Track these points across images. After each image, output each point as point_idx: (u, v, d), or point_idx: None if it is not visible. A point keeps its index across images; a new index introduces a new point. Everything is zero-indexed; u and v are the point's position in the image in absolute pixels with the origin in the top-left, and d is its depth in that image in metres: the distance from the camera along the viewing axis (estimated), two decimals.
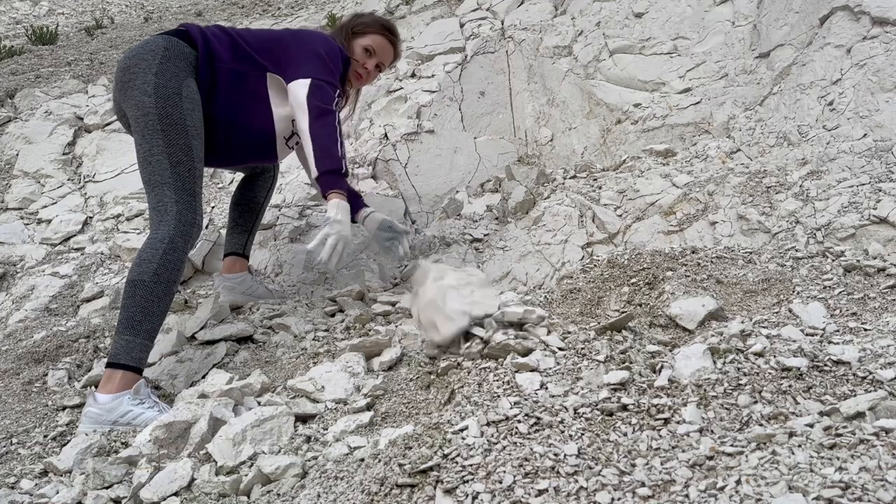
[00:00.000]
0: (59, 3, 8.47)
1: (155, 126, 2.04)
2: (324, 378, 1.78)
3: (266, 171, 2.73)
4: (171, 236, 1.98)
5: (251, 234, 2.69)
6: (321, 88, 2.22)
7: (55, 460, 1.70)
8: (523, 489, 1.13)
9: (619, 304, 1.96)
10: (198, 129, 2.11)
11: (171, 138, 2.04)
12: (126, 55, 2.17)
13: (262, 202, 2.71)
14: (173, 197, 2.02)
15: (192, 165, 2.07)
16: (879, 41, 2.59)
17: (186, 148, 2.06)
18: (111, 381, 1.86)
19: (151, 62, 2.08)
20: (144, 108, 2.05)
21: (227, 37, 2.28)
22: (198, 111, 2.13)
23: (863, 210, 2.17)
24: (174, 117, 2.05)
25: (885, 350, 1.40)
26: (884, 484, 0.99)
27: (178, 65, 2.11)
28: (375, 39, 2.54)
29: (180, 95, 2.07)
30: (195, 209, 2.06)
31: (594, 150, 3.46)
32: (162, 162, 2.03)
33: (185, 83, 2.11)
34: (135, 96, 2.07)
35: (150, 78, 2.06)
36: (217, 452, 1.50)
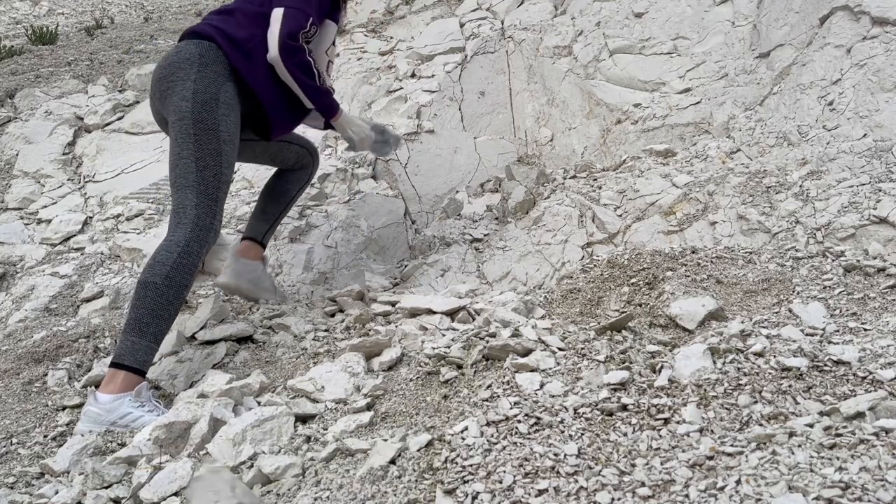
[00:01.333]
0: (59, 3, 8.47)
1: (188, 130, 2.06)
2: (324, 378, 1.78)
3: (304, 168, 2.70)
4: (187, 240, 1.99)
5: (273, 225, 2.64)
6: (293, 19, 2.20)
7: (51, 462, 1.70)
8: (523, 489, 1.13)
9: (619, 304, 1.96)
10: (231, 135, 2.12)
11: (203, 142, 2.06)
12: (161, 65, 2.19)
13: (294, 195, 2.67)
14: (194, 200, 2.03)
15: (219, 171, 2.08)
16: (879, 41, 2.59)
17: (216, 153, 2.07)
18: (113, 381, 1.86)
19: (189, 70, 2.11)
20: (181, 112, 2.07)
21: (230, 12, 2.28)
22: (233, 116, 2.14)
23: (863, 210, 2.17)
24: (208, 122, 2.07)
25: (885, 350, 1.40)
26: (884, 484, 0.99)
27: (215, 69, 2.13)
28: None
29: (217, 100, 2.09)
30: (214, 214, 2.07)
31: (594, 150, 3.46)
32: (189, 165, 2.05)
33: (224, 87, 2.13)
34: (174, 102, 2.10)
35: (190, 84, 2.08)
36: (217, 452, 1.50)
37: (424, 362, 1.74)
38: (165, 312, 1.94)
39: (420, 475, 1.24)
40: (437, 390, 1.61)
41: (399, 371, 1.80)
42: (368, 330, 2.21)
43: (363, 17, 5.58)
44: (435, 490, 1.19)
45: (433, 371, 1.69)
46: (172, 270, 1.95)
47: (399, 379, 1.74)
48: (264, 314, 2.52)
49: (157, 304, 1.92)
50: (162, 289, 1.93)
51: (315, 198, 3.35)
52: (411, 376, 1.72)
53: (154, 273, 1.94)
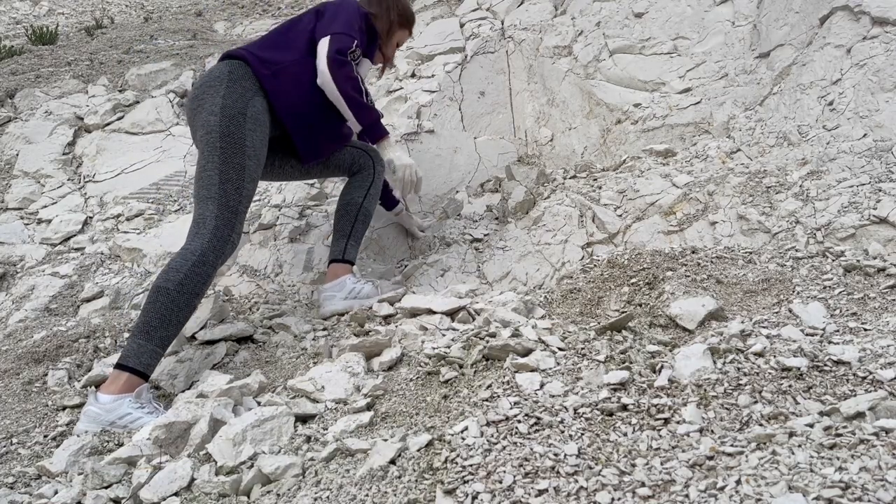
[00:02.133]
0: (59, 3, 8.47)
1: (215, 143, 2.10)
2: (324, 378, 1.78)
3: (363, 170, 2.70)
4: (203, 250, 2.01)
5: (350, 238, 2.62)
6: (340, 41, 2.30)
7: (48, 463, 1.70)
8: (523, 489, 1.13)
9: (619, 304, 1.96)
10: (256, 150, 2.16)
11: (228, 156, 2.09)
12: (195, 85, 2.28)
13: (361, 202, 2.65)
14: (215, 212, 2.05)
15: (242, 185, 2.11)
16: (879, 41, 2.59)
17: (239, 167, 2.10)
18: (115, 381, 1.88)
19: (218, 87, 2.17)
20: (209, 126, 2.12)
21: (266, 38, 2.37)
22: (260, 132, 2.18)
23: (863, 210, 2.17)
24: (235, 136, 2.11)
25: (885, 350, 1.40)
26: (884, 484, 0.99)
27: (244, 85, 2.19)
28: (405, 36, 2.72)
29: (245, 115, 2.14)
30: (233, 227, 2.08)
31: (594, 150, 3.46)
32: (213, 177, 2.08)
33: (251, 103, 2.18)
34: (203, 117, 2.15)
35: (218, 100, 2.14)
36: (217, 452, 1.50)
37: (424, 362, 1.74)
38: (175, 318, 1.96)
39: (420, 475, 1.24)
40: (437, 390, 1.61)
41: (399, 371, 1.80)
42: (368, 330, 2.21)
43: None
44: (435, 490, 1.19)
45: (433, 371, 1.69)
46: (186, 278, 1.96)
47: (399, 379, 1.74)
48: (264, 314, 2.52)
49: (167, 309, 1.94)
50: (174, 295, 1.95)
51: (315, 198, 3.35)
52: (411, 376, 1.72)
53: (168, 279, 1.96)
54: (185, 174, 3.74)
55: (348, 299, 2.48)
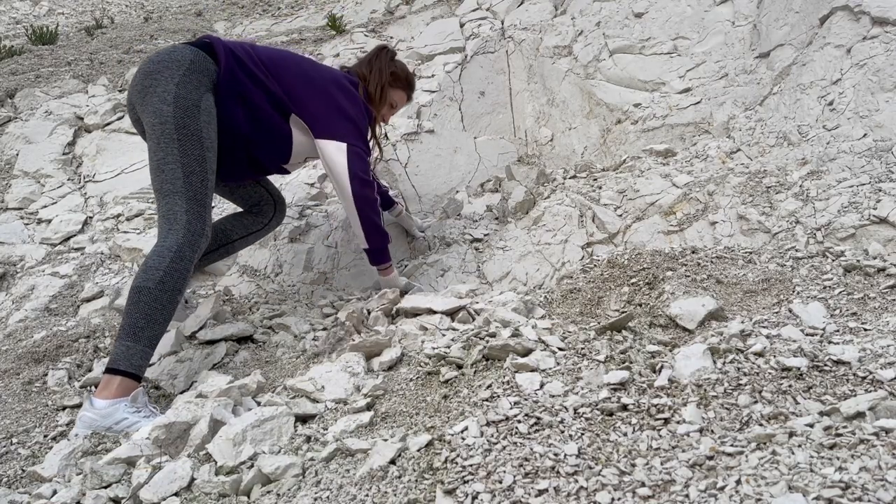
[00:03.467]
0: (59, 3, 8.47)
1: (171, 135, 2.04)
2: (324, 378, 1.78)
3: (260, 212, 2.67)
4: (179, 245, 1.99)
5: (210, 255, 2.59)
6: (360, 157, 2.32)
7: (39, 468, 1.70)
8: (523, 489, 1.13)
9: (619, 304, 1.96)
10: (212, 142, 2.13)
11: (186, 148, 2.05)
12: (150, 60, 2.16)
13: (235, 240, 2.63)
14: (184, 206, 2.03)
15: (205, 177, 2.08)
16: (879, 41, 2.59)
17: (200, 159, 2.07)
18: (109, 386, 1.85)
19: (175, 72, 2.09)
20: (162, 115, 2.06)
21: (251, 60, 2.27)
22: (214, 125, 2.14)
23: (863, 210, 2.17)
24: (191, 128, 2.06)
25: (885, 350, 1.40)
26: (884, 484, 0.99)
27: (199, 79, 2.13)
28: (402, 98, 2.69)
29: (199, 108, 2.09)
30: (204, 219, 2.07)
31: (594, 150, 3.46)
32: (175, 171, 2.04)
33: (205, 97, 2.12)
34: (153, 103, 2.08)
35: (172, 87, 2.07)
36: (217, 453, 1.50)
37: (424, 362, 1.74)
38: (160, 317, 1.94)
39: (420, 475, 1.24)
40: (437, 390, 1.61)
41: (399, 371, 1.80)
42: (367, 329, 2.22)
43: (363, 17, 5.59)
44: (435, 490, 1.19)
45: (433, 371, 1.69)
46: (165, 275, 1.94)
47: (399, 379, 1.74)
48: (264, 314, 2.52)
49: (151, 308, 1.92)
50: (155, 293, 1.93)
51: (315, 198, 3.35)
52: (411, 376, 1.72)
53: (147, 278, 1.94)
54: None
55: None
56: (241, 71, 2.22)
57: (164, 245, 1.99)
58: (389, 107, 2.65)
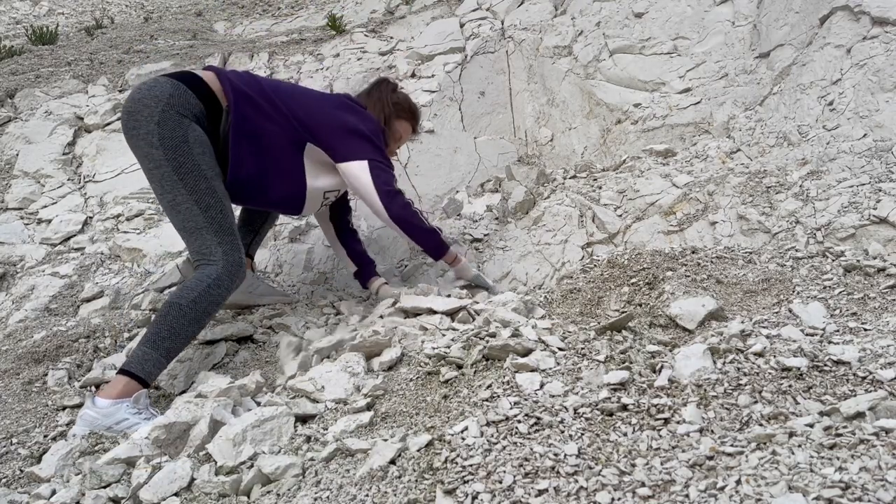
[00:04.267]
0: (59, 3, 8.47)
1: (171, 177, 2.00)
2: (324, 378, 1.78)
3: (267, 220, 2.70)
4: (218, 274, 2.01)
5: (257, 235, 2.66)
6: (383, 171, 2.29)
7: (37, 469, 1.70)
8: (523, 489, 1.13)
9: (619, 304, 1.96)
10: (214, 170, 2.07)
11: (192, 185, 2.01)
12: (131, 97, 2.07)
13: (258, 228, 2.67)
14: (215, 240, 2.03)
15: (222, 206, 2.06)
16: (879, 41, 2.59)
17: (210, 191, 2.04)
18: (115, 386, 1.87)
19: (154, 109, 2.00)
20: (155, 160, 2.00)
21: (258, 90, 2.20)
22: (209, 153, 2.07)
23: (863, 210, 2.17)
24: (188, 165, 2.01)
25: (885, 350, 1.40)
26: (884, 484, 0.99)
27: (179, 111, 2.02)
28: (407, 129, 2.63)
29: (188, 142, 2.01)
30: (239, 249, 2.07)
31: (594, 150, 3.46)
32: (192, 209, 2.02)
33: (190, 128, 2.03)
34: (141, 147, 2.03)
35: (154, 128, 1.99)
36: (217, 453, 1.50)
37: (424, 362, 1.74)
38: (183, 332, 1.96)
39: (420, 475, 1.24)
40: (437, 390, 1.61)
41: (399, 371, 1.80)
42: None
43: (363, 17, 5.59)
44: (435, 490, 1.19)
45: (433, 371, 1.69)
46: (200, 296, 1.97)
47: (399, 379, 1.74)
48: (264, 314, 2.52)
49: (178, 322, 1.95)
50: (185, 310, 1.96)
51: None
52: (411, 376, 1.72)
53: (181, 296, 1.97)
54: None
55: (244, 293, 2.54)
56: (248, 106, 2.15)
57: (204, 273, 2.01)
58: (395, 140, 2.59)
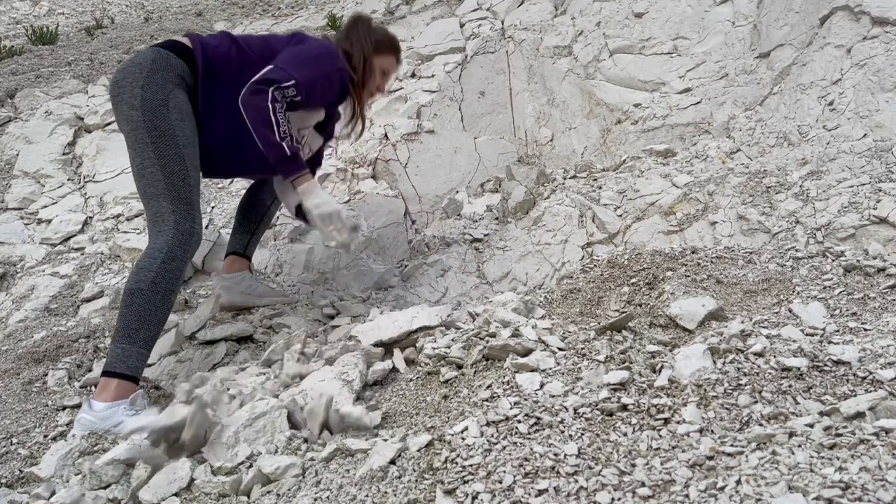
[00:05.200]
0: (59, 3, 8.47)
1: (144, 139, 2.02)
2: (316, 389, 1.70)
3: None
4: (169, 246, 1.97)
5: (254, 235, 2.66)
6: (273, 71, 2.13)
7: (36, 469, 1.69)
8: (523, 489, 1.13)
9: (619, 304, 1.96)
10: (189, 139, 2.08)
11: (162, 149, 2.02)
12: (117, 70, 2.15)
13: (269, 205, 2.67)
14: (170, 207, 2.00)
15: (186, 174, 2.05)
16: (879, 41, 2.59)
17: (178, 157, 2.04)
18: (107, 389, 1.85)
19: (138, 76, 2.06)
20: (133, 121, 2.04)
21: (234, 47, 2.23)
22: (188, 121, 2.10)
23: (863, 210, 2.17)
24: (162, 128, 2.03)
25: (885, 350, 1.40)
26: (884, 484, 0.99)
27: (165, 76, 2.08)
28: (391, 62, 2.51)
29: (167, 106, 2.05)
30: (193, 218, 2.04)
31: (594, 150, 3.46)
32: (155, 174, 2.01)
33: (173, 94, 2.08)
34: (123, 111, 2.07)
35: (137, 91, 2.05)
36: (213, 457, 1.49)
37: (424, 362, 1.74)
38: (154, 318, 1.92)
39: (420, 475, 1.24)
40: (437, 390, 1.61)
41: (399, 371, 1.80)
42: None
43: None
44: (435, 490, 1.19)
45: (433, 371, 1.69)
46: (157, 276, 1.92)
47: (399, 379, 1.74)
48: (264, 314, 2.52)
49: (144, 310, 1.90)
50: (148, 294, 1.91)
51: None
52: (411, 376, 1.72)
53: (139, 280, 1.92)
54: None
55: (244, 294, 2.56)
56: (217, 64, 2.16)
57: (154, 247, 1.97)
58: (381, 75, 2.48)
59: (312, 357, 1.93)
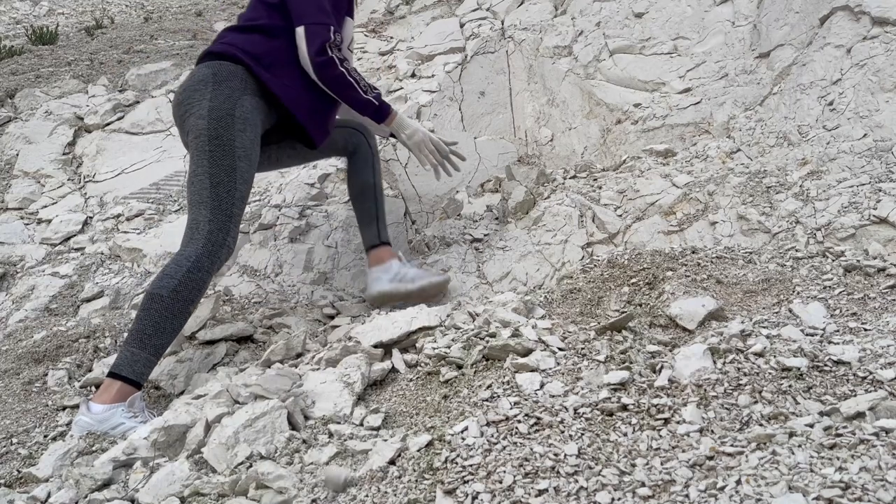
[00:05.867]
0: (59, 3, 8.47)
1: (204, 147, 2.06)
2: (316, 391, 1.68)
3: (358, 149, 2.67)
4: (197, 255, 1.98)
5: (378, 220, 2.62)
6: (314, 33, 2.22)
7: (34, 470, 1.69)
8: (523, 489, 1.13)
9: (619, 304, 1.96)
10: (246, 151, 2.11)
11: (217, 158, 2.05)
12: (178, 91, 2.21)
13: (374, 182, 2.65)
14: (208, 216, 2.02)
15: (233, 187, 2.06)
16: (879, 41, 2.59)
17: (230, 169, 2.06)
18: (108, 391, 1.85)
19: (204, 90, 2.12)
20: (198, 130, 2.08)
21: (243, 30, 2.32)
22: (250, 132, 2.14)
23: (863, 210, 2.17)
24: (223, 138, 2.07)
25: (885, 350, 1.40)
26: (884, 484, 0.99)
27: (230, 85, 2.14)
28: None
29: (233, 116, 2.10)
30: (227, 230, 2.04)
31: (594, 150, 3.46)
32: (203, 181, 2.04)
33: (239, 102, 2.13)
34: (191, 122, 2.11)
35: (205, 103, 2.10)
36: (213, 458, 1.49)
37: (424, 362, 1.74)
38: (169, 326, 1.93)
39: (420, 475, 1.24)
40: (437, 390, 1.60)
41: (399, 371, 1.80)
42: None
43: (363, 17, 5.58)
44: (435, 490, 1.19)
45: (433, 371, 1.69)
46: (180, 284, 1.93)
47: (399, 379, 1.74)
48: (264, 314, 2.52)
49: (161, 317, 1.91)
50: (168, 302, 1.92)
51: (315, 198, 3.35)
52: (411, 376, 1.72)
53: (161, 285, 1.93)
54: (185, 174, 3.74)
55: (394, 282, 2.49)
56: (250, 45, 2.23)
57: (182, 254, 1.99)
58: None
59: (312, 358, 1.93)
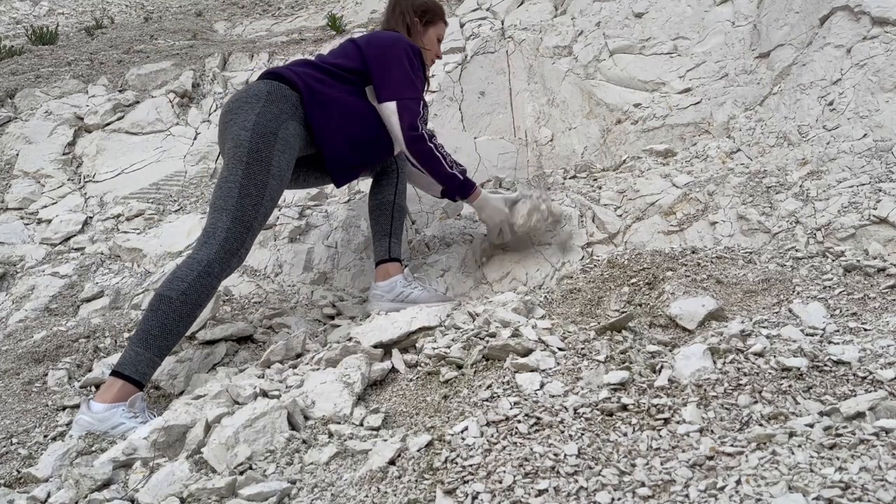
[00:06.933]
0: (59, 3, 8.47)
1: (242, 157, 2.08)
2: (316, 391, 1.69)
3: (388, 170, 2.70)
4: (209, 260, 1.98)
5: (392, 237, 2.63)
6: (408, 109, 2.32)
7: (33, 470, 1.69)
8: (523, 489, 1.13)
9: (619, 304, 1.96)
10: (281, 171, 2.13)
11: (252, 171, 2.07)
12: (230, 100, 2.24)
13: (394, 200, 2.67)
14: (227, 223, 2.02)
15: (260, 202, 2.08)
16: (879, 41, 2.59)
17: (262, 184, 2.08)
18: (110, 389, 1.85)
19: (255, 104, 2.15)
20: (239, 140, 2.10)
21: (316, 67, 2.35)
22: (288, 154, 2.16)
23: (863, 210, 2.17)
24: (263, 153, 2.09)
25: (885, 350, 1.40)
26: (884, 484, 0.99)
27: (280, 107, 2.17)
28: (440, 27, 2.69)
29: (276, 136, 2.12)
30: (243, 241, 2.05)
31: (594, 150, 3.46)
32: (232, 189, 2.05)
33: (285, 125, 2.16)
34: (233, 130, 2.13)
35: (252, 116, 2.12)
36: (213, 458, 1.49)
37: (424, 362, 1.74)
38: (175, 328, 1.93)
39: (420, 475, 1.24)
40: (437, 390, 1.61)
41: (399, 371, 1.80)
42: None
43: (363, 18, 5.58)
44: (435, 490, 1.19)
45: (433, 371, 1.69)
46: (190, 287, 1.94)
47: (399, 379, 1.74)
48: (264, 314, 2.52)
49: (168, 318, 1.91)
50: (176, 304, 1.92)
51: (315, 198, 3.35)
52: (411, 376, 1.72)
53: (171, 287, 1.94)
54: (185, 174, 3.74)
55: (395, 302, 2.47)
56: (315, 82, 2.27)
57: (194, 258, 1.99)
58: (437, 42, 2.65)
59: None
